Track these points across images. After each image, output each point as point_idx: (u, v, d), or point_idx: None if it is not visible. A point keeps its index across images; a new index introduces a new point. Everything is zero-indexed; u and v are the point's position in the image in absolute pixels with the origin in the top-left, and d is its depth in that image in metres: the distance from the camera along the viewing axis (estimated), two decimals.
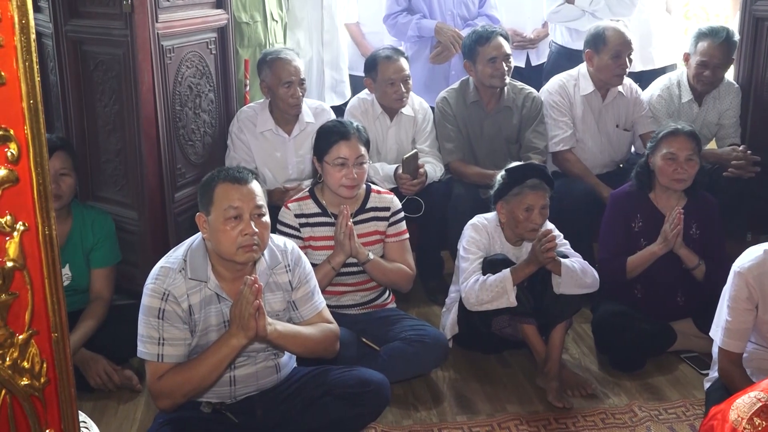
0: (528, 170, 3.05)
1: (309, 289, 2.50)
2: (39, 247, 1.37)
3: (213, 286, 2.34)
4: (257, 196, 2.32)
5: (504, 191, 3.05)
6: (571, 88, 3.91)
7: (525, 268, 2.93)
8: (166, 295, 2.28)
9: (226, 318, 2.35)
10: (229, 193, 2.28)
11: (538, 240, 2.88)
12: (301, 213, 3.01)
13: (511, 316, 3.02)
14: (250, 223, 2.28)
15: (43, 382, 1.41)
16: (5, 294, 1.35)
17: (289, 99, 3.55)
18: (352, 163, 2.92)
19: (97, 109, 3.35)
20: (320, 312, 2.52)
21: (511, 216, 3.03)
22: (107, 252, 3.10)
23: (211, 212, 2.30)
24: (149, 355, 2.28)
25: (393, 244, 3.09)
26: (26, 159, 1.33)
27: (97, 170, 3.44)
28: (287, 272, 2.46)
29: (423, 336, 2.96)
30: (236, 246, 2.27)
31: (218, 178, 2.32)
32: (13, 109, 1.31)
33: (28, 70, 1.30)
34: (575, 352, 3.28)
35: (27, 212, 1.35)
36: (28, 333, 1.39)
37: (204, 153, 3.60)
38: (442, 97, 3.92)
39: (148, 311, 2.29)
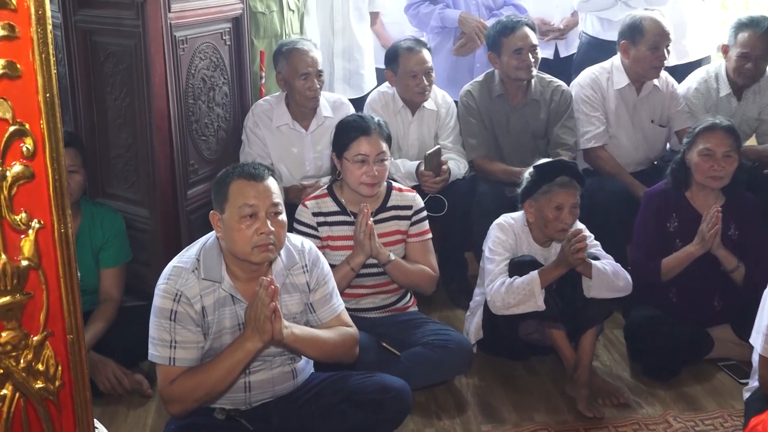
0: (558, 167, 3.06)
1: (327, 291, 2.51)
2: (54, 245, 1.39)
3: (227, 287, 2.35)
4: (274, 194, 2.33)
5: (532, 189, 3.05)
6: (604, 81, 3.91)
7: (554, 270, 2.94)
8: (179, 296, 2.30)
9: (240, 320, 2.37)
10: (245, 190, 2.30)
11: (568, 240, 2.88)
12: (319, 211, 3.03)
13: (538, 321, 3.02)
14: (266, 221, 2.29)
15: (57, 385, 1.43)
16: (20, 294, 1.38)
17: (306, 92, 3.57)
18: (373, 160, 2.94)
19: (107, 102, 3.38)
20: (339, 315, 2.53)
21: (540, 215, 3.03)
22: (117, 251, 3.13)
23: (225, 210, 2.32)
24: (160, 358, 2.30)
25: (415, 245, 3.10)
26: (42, 154, 1.36)
27: (107, 166, 3.48)
28: (305, 273, 2.47)
29: (446, 341, 2.97)
30: (251, 245, 2.29)
31: (233, 175, 2.34)
32: (29, 103, 1.34)
33: (45, 62, 1.32)
34: (606, 359, 3.28)
35: (42, 209, 1.38)
36: (42, 334, 1.41)
37: (218, 148, 3.62)
38: (466, 90, 3.93)
39: (160, 313, 2.31)
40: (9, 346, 1.38)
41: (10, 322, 1.38)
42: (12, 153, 1.35)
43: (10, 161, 1.35)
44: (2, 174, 1.33)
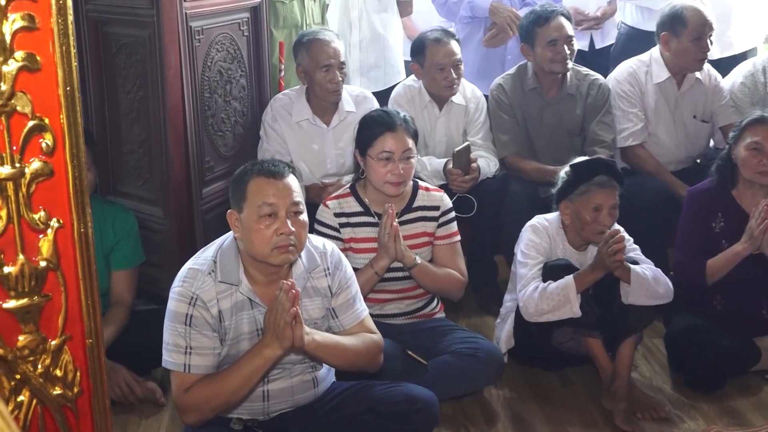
0: (595, 166, 3.05)
1: (350, 296, 2.52)
2: (74, 245, 1.41)
3: (245, 291, 2.36)
4: (294, 192, 2.34)
5: (568, 189, 3.05)
6: (642, 75, 3.90)
7: (590, 275, 2.93)
8: (194, 300, 2.31)
9: (259, 325, 2.38)
10: (264, 188, 2.31)
11: (605, 242, 2.87)
12: (342, 212, 3.04)
13: (574, 329, 3.01)
14: (286, 221, 2.30)
15: (76, 392, 1.45)
16: (38, 296, 1.40)
17: (327, 84, 3.59)
18: (399, 158, 2.94)
19: (120, 95, 3.41)
20: (362, 321, 2.53)
21: (577, 217, 3.03)
22: (129, 252, 3.16)
23: (243, 209, 2.33)
24: (175, 365, 2.31)
25: (443, 247, 3.10)
26: (62, 150, 1.38)
27: (119, 163, 3.51)
28: (326, 276, 2.48)
29: (475, 349, 2.97)
30: (271, 246, 2.30)
31: (252, 172, 2.35)
32: (48, 97, 1.36)
33: (65, 54, 1.34)
34: (646, 370, 3.27)
35: (62, 208, 1.40)
36: (61, 338, 1.43)
37: (234, 144, 3.65)
38: (497, 84, 3.93)
39: (175, 317, 2.32)
40: (26, 350, 1.40)
41: (28, 326, 1.40)
42: (31, 149, 1.37)
43: (28, 157, 1.37)
44: (21, 171, 1.36)
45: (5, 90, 1.32)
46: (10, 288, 1.39)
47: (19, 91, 1.34)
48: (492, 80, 3.99)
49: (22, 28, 1.32)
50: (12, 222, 1.37)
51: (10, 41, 1.31)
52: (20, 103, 1.34)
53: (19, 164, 1.36)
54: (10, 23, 1.31)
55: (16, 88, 1.34)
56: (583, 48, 4.46)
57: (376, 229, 2.99)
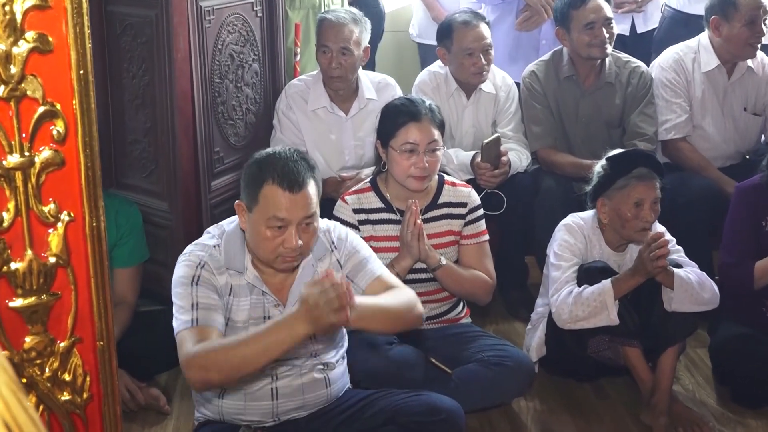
0: (634, 158, 3.05)
1: (360, 257, 2.52)
2: (85, 240, 1.43)
3: (251, 279, 2.41)
4: (310, 205, 2.33)
5: (605, 185, 3.05)
6: (689, 62, 3.89)
7: (629, 279, 2.93)
8: (203, 264, 2.37)
9: (267, 314, 2.42)
10: (278, 200, 2.30)
11: (647, 245, 2.87)
12: (361, 208, 3.05)
13: (611, 337, 3.02)
14: (294, 235, 2.31)
15: (85, 398, 1.47)
16: (46, 294, 1.42)
17: (326, 68, 3.61)
18: (423, 150, 2.94)
19: (124, 80, 3.44)
20: (379, 277, 2.51)
21: (616, 214, 3.03)
22: (133, 249, 3.19)
23: (253, 211, 2.34)
24: (183, 323, 2.29)
25: (470, 247, 3.11)
26: (74, 138, 1.39)
27: (122, 153, 3.53)
28: (333, 251, 2.52)
29: (504, 358, 2.97)
30: (275, 255, 2.34)
31: (268, 176, 2.31)
32: (61, 80, 1.37)
33: (79, 35, 1.36)
34: (688, 383, 3.27)
35: (73, 200, 1.41)
36: (70, 340, 1.45)
37: (246, 134, 3.67)
38: (529, 71, 3.93)
39: (182, 281, 2.35)
40: (33, 352, 1.42)
41: (35, 326, 1.42)
42: (41, 136, 1.38)
43: (38, 146, 1.39)
44: (30, 160, 1.37)
45: (15, 73, 1.33)
46: (17, 285, 1.41)
47: (29, 75, 1.36)
48: (524, 67, 3.99)
49: (34, 6, 1.34)
50: (20, 215, 1.39)
51: (21, 20, 1.33)
52: (30, 87, 1.35)
53: (29, 153, 1.38)
54: (21, 1, 1.32)
55: (26, 71, 1.36)
56: (623, 32, 4.45)
57: (398, 227, 3.00)
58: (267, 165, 2.35)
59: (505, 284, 3.75)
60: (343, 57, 3.60)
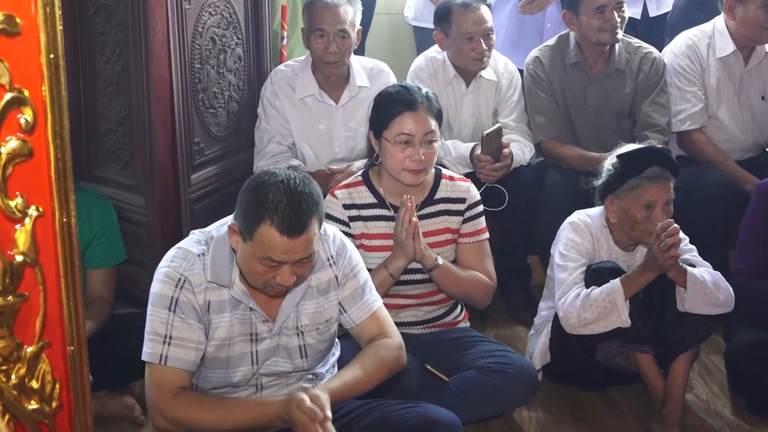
0: (647, 156, 3.05)
1: (358, 284, 2.54)
2: (55, 238, 1.42)
3: (238, 294, 2.40)
4: (309, 247, 2.30)
5: (615, 184, 3.05)
6: (703, 48, 3.90)
7: (640, 277, 2.94)
8: (182, 282, 2.35)
9: (254, 330, 2.43)
10: (276, 243, 2.25)
11: (657, 237, 2.87)
12: (352, 203, 3.05)
13: (621, 342, 3.02)
14: (289, 276, 2.31)
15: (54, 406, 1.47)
16: (12, 296, 1.41)
17: (321, 54, 3.61)
18: (419, 141, 2.94)
19: (97, 65, 3.43)
20: (375, 313, 2.56)
21: (626, 215, 3.03)
22: (108, 248, 3.19)
23: (246, 242, 2.30)
24: (151, 355, 2.35)
25: (468, 246, 3.11)
26: (43, 127, 1.39)
27: (95, 143, 3.52)
28: (331, 266, 2.52)
29: (505, 365, 2.97)
30: (265, 284, 2.35)
31: (267, 217, 2.24)
32: (29, 65, 1.37)
33: (50, 17, 1.35)
34: (702, 392, 3.29)
35: (42, 194, 1.41)
36: (38, 345, 1.44)
37: (228, 124, 3.67)
38: (533, 57, 3.94)
39: (158, 301, 2.36)
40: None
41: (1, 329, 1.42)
42: (8, 125, 1.38)
43: (5, 135, 1.38)
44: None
45: None
46: None
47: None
48: (528, 53, 4.00)
49: None
50: None
51: None
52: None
53: None
54: None
55: None
56: (634, 16, 4.46)
57: (392, 224, 3.00)
58: (266, 201, 2.24)
59: (506, 286, 3.77)
60: (340, 40, 3.61)
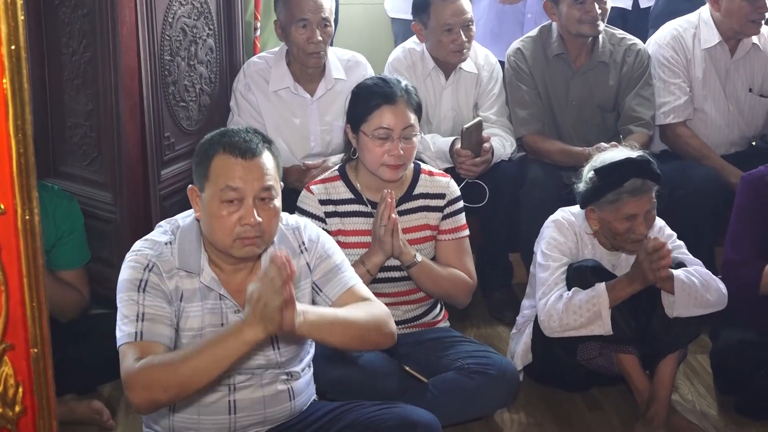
0: (625, 169, 3.00)
1: (333, 264, 2.52)
2: (17, 236, 1.41)
3: (207, 280, 2.39)
4: (267, 175, 2.35)
5: (594, 197, 3.04)
6: (689, 39, 3.93)
7: (626, 287, 2.94)
8: (151, 266, 2.34)
9: (225, 320, 2.41)
10: (230, 168, 2.32)
11: (647, 254, 2.86)
12: (328, 199, 3.05)
13: (602, 344, 3.04)
14: (253, 210, 2.31)
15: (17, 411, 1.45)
16: None
17: (304, 44, 3.60)
18: (398, 135, 2.94)
19: (63, 57, 3.42)
20: (352, 288, 2.51)
21: (606, 226, 3.04)
22: (75, 249, 3.17)
23: (205, 188, 2.35)
24: (126, 336, 2.29)
25: (448, 243, 3.12)
26: (4, 121, 1.37)
27: (61, 138, 3.51)
28: (302, 253, 2.51)
29: (485, 366, 2.98)
30: (233, 237, 2.32)
31: (219, 145, 2.35)
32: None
33: (11, 5, 1.34)
34: (688, 392, 3.31)
35: (3, 191, 1.39)
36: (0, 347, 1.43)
37: (200, 118, 3.67)
38: (515, 48, 3.95)
39: (127, 285, 2.33)
40: None
41: None
42: None
43: None
44: None
45: None
46: None
47: None
48: (508, 44, 4.01)
49: None
50: None
51: None
52: None
53: None
54: None
55: None
56: (626, 6, 4.49)
57: (369, 219, 3.01)
58: (218, 137, 2.38)
59: (487, 284, 3.78)
60: (324, 30, 3.61)
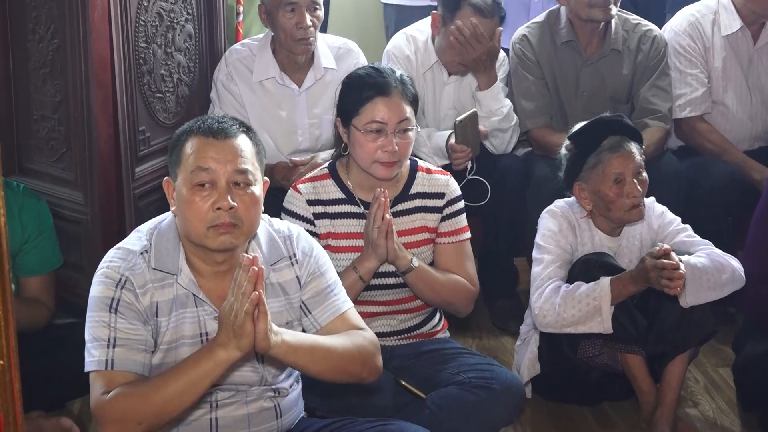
0: (599, 128, 3.10)
1: (326, 283, 2.52)
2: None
3: (185, 282, 2.38)
4: (241, 157, 2.35)
5: (576, 167, 3.11)
6: (707, 25, 3.95)
7: (628, 285, 2.96)
8: (123, 282, 2.33)
9: (204, 330, 2.40)
10: (202, 148, 2.33)
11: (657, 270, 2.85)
12: (317, 199, 3.05)
13: (604, 341, 3.05)
14: (226, 194, 2.31)
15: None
16: None
17: (292, 30, 3.60)
18: (393, 130, 2.94)
19: (28, 44, 3.41)
20: (344, 315, 2.51)
21: (598, 197, 3.08)
22: (43, 253, 3.18)
23: (178, 175, 2.36)
24: (96, 363, 2.29)
25: (447, 247, 3.12)
26: None
27: (26, 132, 3.51)
28: (293, 266, 2.50)
29: (488, 379, 2.97)
30: (205, 224, 2.31)
31: (191, 129, 2.39)
32: None
33: None
34: (709, 408, 3.32)
35: None
36: None
37: (178, 110, 3.67)
38: (520, 35, 3.97)
39: (98, 304, 2.32)
40: None
41: None
42: None
43: None
44: None
45: None
46: None
47: None
48: (513, 31, 4.03)
49: None
50: None
51: None
52: None
53: None
54: None
55: None
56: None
57: (362, 221, 3.00)
58: (192, 123, 2.42)
59: (490, 291, 3.81)
60: (314, 14, 3.61)
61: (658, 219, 3.19)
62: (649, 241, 3.18)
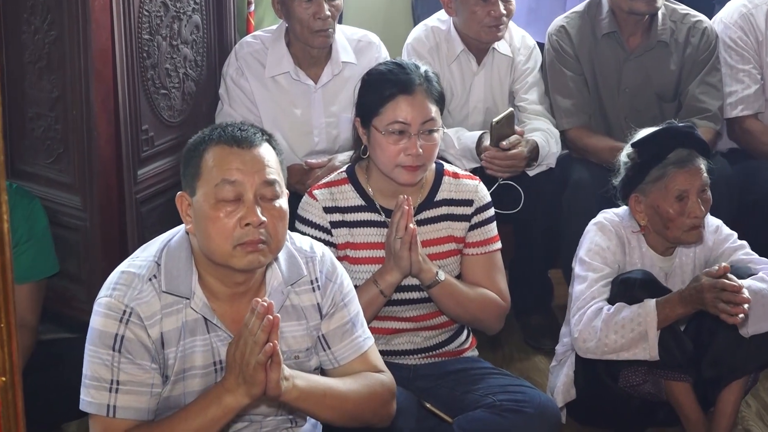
0: (668, 138, 3.07)
1: (348, 317, 2.54)
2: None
3: (199, 306, 2.38)
4: (269, 168, 2.37)
5: (636, 178, 3.09)
6: (760, 17, 3.96)
7: (677, 307, 2.95)
8: (128, 315, 2.33)
9: (218, 358, 2.41)
10: (226, 160, 2.33)
11: (716, 291, 2.83)
12: (334, 206, 3.06)
13: (648, 369, 3.05)
14: (255, 208, 2.32)
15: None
16: None
17: (309, 21, 3.62)
18: (417, 131, 2.94)
19: (23, 36, 3.43)
20: (365, 354, 2.55)
21: (656, 213, 3.07)
22: (35, 258, 3.20)
23: (197, 190, 2.35)
24: (95, 406, 2.32)
25: (476, 258, 3.13)
26: None
27: (21, 131, 3.53)
28: (315, 291, 2.51)
29: (521, 402, 2.96)
30: (233, 242, 2.31)
31: (210, 139, 2.38)
32: None
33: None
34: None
35: None
36: None
37: (184, 108, 3.69)
38: (558, 26, 3.98)
39: (99, 339, 2.33)
40: None
41: None
42: None
43: None
44: None
45: None
46: None
47: None
48: (548, 25, 4.04)
49: None
50: None
51: None
52: None
53: None
54: None
55: None
56: None
57: (383, 230, 3.02)
58: (208, 132, 2.42)
59: (522, 307, 3.82)
60: (331, 3, 3.62)
61: (713, 235, 3.18)
62: (702, 259, 3.18)
